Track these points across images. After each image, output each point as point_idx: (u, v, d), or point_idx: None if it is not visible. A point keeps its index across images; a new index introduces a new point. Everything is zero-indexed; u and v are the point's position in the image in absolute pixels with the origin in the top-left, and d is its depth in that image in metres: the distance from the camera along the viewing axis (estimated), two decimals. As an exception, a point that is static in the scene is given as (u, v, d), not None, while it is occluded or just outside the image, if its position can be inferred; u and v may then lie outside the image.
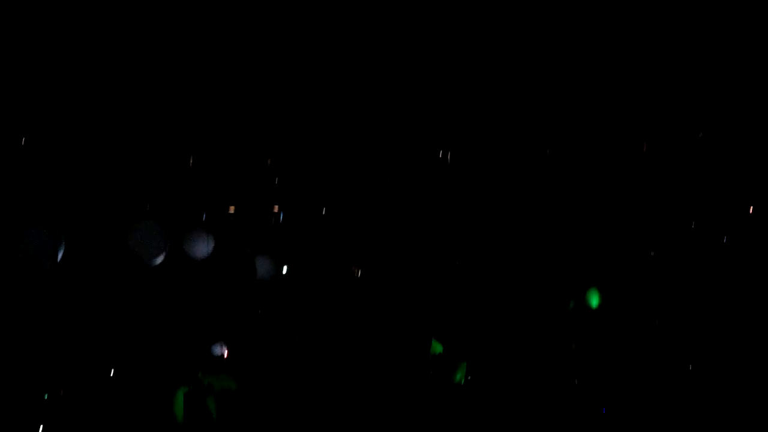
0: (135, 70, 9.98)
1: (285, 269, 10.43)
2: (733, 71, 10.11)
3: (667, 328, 8.82)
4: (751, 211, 9.49)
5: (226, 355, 8.84)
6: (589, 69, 10.48)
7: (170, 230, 8.18)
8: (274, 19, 10.24)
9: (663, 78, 10.35)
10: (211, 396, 7.44)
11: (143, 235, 7.21)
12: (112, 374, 6.83)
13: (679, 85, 10.41)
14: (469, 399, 8.10)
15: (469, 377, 8.35)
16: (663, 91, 10.42)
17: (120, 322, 7.57)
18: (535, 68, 10.50)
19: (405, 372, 8.34)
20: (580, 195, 10.37)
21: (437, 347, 8.43)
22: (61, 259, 6.44)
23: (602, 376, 8.41)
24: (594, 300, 9.37)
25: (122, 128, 10.22)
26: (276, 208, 11.45)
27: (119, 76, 9.93)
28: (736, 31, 9.81)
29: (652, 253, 9.74)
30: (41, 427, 6.10)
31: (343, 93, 10.69)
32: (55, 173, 9.04)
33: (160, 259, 7.46)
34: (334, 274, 10.62)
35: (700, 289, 9.15)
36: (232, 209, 11.58)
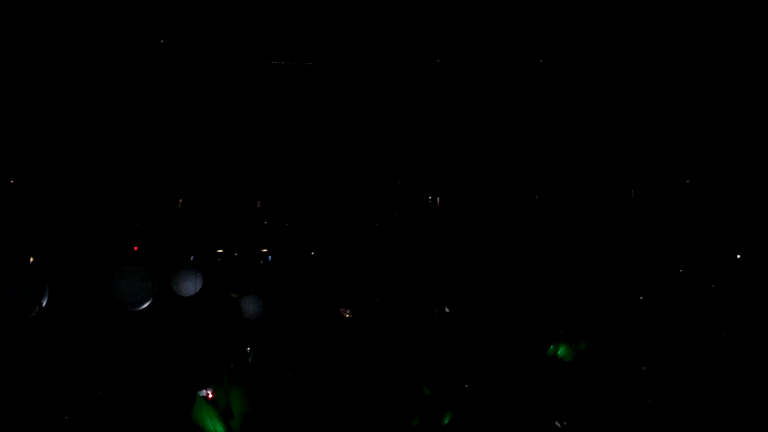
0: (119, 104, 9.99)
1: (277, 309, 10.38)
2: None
3: (654, 369, 8.79)
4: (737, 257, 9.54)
5: (210, 396, 8.74)
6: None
7: (157, 271, 8.17)
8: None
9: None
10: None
11: (129, 282, 7.17)
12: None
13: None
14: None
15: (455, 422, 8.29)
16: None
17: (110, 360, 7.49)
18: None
19: (393, 414, 8.28)
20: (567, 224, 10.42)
21: (424, 390, 8.37)
22: (45, 306, 6.42)
23: (590, 419, 8.36)
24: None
25: (107, 167, 10.26)
26: (265, 251, 11.51)
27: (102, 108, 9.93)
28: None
29: (641, 297, 9.76)
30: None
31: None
32: (38, 214, 9.05)
33: (146, 304, 7.41)
34: (322, 315, 10.59)
35: (689, 330, 9.13)
36: (220, 251, 11.61)
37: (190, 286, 9.17)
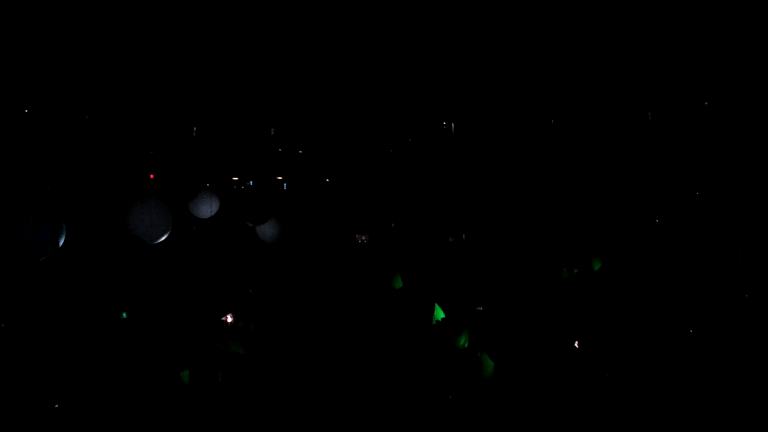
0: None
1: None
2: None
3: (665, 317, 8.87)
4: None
5: (230, 321, 8.94)
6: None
7: (173, 199, 8.25)
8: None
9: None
10: (218, 364, 7.58)
11: (146, 216, 7.24)
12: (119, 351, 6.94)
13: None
14: (473, 369, 8.21)
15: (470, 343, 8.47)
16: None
17: (127, 301, 7.66)
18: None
19: (410, 337, 8.46)
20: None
21: (439, 314, 8.56)
22: (63, 246, 6.52)
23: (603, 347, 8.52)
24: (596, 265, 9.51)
25: (121, 97, 10.26)
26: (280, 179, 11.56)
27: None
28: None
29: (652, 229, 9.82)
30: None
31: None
32: (52, 157, 9.09)
33: (164, 237, 7.51)
34: (339, 241, 10.72)
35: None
36: (235, 179, 11.68)
37: (206, 208, 9.27)
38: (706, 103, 10.44)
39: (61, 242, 6.31)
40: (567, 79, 10.62)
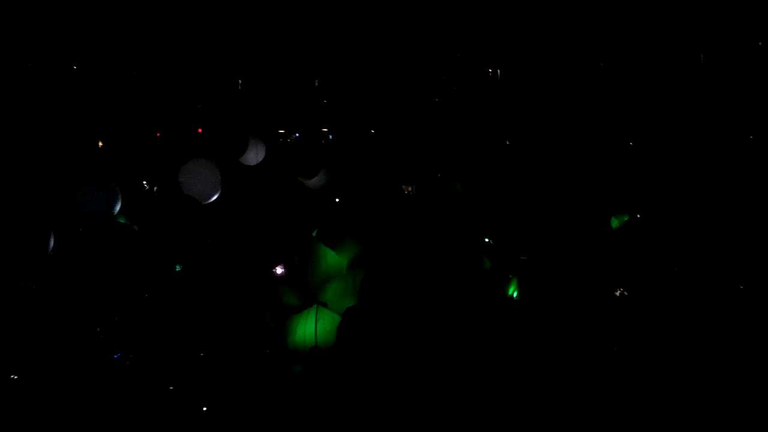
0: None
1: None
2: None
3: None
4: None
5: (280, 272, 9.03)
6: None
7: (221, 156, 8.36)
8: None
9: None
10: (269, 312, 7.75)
11: (197, 174, 7.38)
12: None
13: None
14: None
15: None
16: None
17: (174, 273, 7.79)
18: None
19: (459, 289, 8.51)
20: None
21: (486, 263, 8.61)
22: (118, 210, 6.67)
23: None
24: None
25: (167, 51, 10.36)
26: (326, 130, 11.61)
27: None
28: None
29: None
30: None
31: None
32: (102, 118, 9.25)
33: (216, 195, 7.66)
34: (387, 193, 10.77)
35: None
36: (281, 131, 11.77)
37: (252, 155, 9.40)
38: None
39: (117, 208, 6.49)
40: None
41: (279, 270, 8.22)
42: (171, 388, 6.24)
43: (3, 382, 5.88)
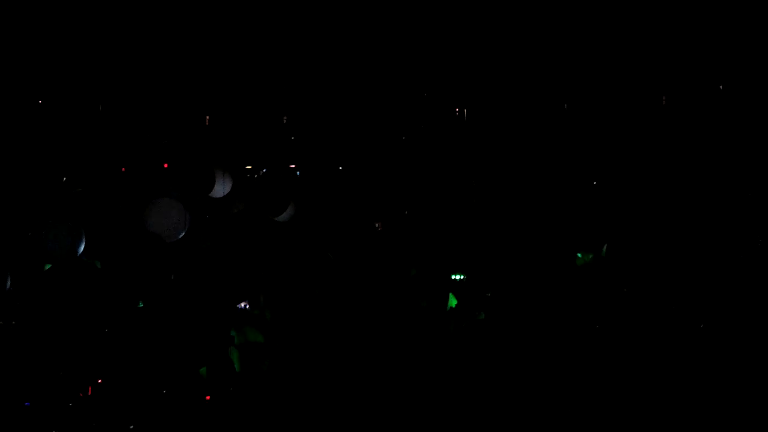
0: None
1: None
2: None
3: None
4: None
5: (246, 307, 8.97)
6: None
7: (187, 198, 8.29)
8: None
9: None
10: (234, 349, 7.68)
11: (163, 214, 7.30)
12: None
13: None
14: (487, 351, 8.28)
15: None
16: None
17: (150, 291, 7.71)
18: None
19: (426, 324, 8.51)
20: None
21: (453, 301, 8.63)
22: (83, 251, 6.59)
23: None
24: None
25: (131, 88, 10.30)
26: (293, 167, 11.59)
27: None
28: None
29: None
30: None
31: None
32: (66, 157, 9.12)
33: (181, 234, 7.58)
34: (353, 228, 10.77)
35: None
36: (248, 167, 11.72)
37: (219, 187, 9.36)
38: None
39: (81, 249, 6.39)
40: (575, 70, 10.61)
41: (243, 306, 8.16)
42: (132, 427, 6.13)
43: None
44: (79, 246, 6.40)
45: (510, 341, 8.19)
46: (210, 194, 9.42)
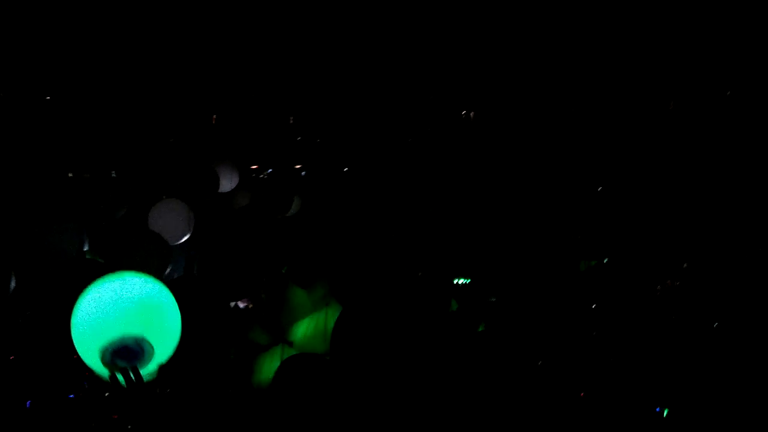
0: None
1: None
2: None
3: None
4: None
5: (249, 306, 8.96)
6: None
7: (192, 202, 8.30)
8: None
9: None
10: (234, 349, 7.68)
11: (168, 215, 7.31)
12: None
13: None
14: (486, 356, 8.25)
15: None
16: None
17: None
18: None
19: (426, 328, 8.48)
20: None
21: (454, 306, 8.60)
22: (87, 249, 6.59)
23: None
24: None
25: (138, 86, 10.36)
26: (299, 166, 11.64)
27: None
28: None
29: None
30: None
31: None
32: (69, 156, 9.16)
33: (186, 237, 7.59)
34: (357, 229, 10.77)
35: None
36: (254, 167, 11.78)
37: (226, 182, 9.37)
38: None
39: (85, 247, 6.40)
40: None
41: (243, 305, 8.15)
42: (129, 427, 6.12)
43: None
44: (83, 244, 6.42)
45: (511, 344, 8.17)
46: (217, 191, 9.45)
